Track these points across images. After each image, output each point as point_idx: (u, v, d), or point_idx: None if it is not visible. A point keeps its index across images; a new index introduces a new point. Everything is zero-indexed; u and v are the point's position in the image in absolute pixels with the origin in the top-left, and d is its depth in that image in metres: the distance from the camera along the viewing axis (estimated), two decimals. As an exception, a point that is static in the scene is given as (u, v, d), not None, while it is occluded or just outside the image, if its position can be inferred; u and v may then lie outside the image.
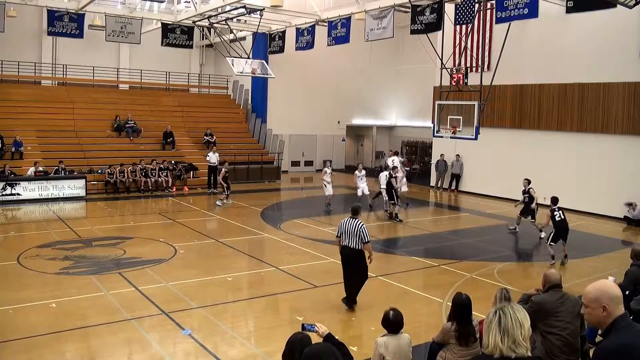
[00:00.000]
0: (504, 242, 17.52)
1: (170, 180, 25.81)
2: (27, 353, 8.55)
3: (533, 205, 17.91)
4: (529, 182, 18.15)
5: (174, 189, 25.73)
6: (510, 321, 3.46)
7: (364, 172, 23.28)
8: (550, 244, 14.70)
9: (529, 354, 3.47)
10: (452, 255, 15.85)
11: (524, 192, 18.11)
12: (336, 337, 5.07)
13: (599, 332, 4.03)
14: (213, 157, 25.80)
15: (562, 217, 14.80)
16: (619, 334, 3.74)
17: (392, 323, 6.43)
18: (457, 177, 27.81)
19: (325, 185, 22.58)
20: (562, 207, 15.13)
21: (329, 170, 22.93)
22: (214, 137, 30.03)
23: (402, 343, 6.37)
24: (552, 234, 14.74)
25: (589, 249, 16.40)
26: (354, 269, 10.65)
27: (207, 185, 26.21)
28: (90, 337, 9.25)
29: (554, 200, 15.10)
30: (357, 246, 10.43)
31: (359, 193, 22.89)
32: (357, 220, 10.60)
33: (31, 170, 23.06)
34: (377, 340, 6.39)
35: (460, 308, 6.57)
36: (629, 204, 20.84)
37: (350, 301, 10.77)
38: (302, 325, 4.72)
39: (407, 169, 26.94)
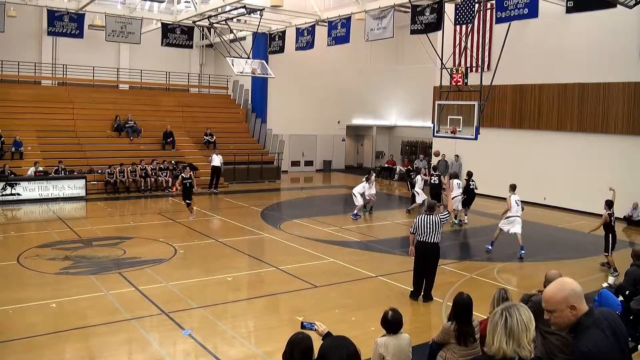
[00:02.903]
0: (504, 243, 17.48)
1: (170, 180, 25.80)
2: (27, 353, 8.55)
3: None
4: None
5: (174, 189, 25.68)
6: (517, 324, 3.41)
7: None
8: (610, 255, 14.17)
9: (532, 356, 3.43)
10: (452, 255, 15.85)
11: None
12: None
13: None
14: (216, 159, 25.82)
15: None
16: (589, 335, 3.62)
17: (392, 323, 6.43)
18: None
19: (418, 193, 21.69)
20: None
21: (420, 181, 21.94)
22: (214, 137, 30.05)
23: (402, 343, 6.38)
24: (611, 243, 14.07)
25: (588, 249, 16.36)
26: (432, 262, 11.32)
27: (209, 185, 26.18)
28: (90, 337, 9.25)
29: (610, 203, 14.26)
30: (436, 239, 11.05)
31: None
32: (434, 215, 11.12)
33: (31, 170, 23.07)
34: (377, 341, 6.40)
35: (461, 308, 6.58)
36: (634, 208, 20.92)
37: (426, 296, 11.37)
38: (302, 323, 4.70)
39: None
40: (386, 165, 34.69)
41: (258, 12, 24.80)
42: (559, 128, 23.71)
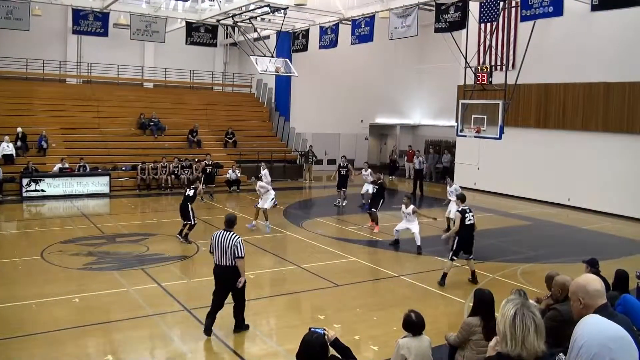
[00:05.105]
0: (528, 243, 17.32)
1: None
2: (50, 346, 8.63)
3: None
4: None
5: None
6: (540, 320, 3.52)
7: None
8: None
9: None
10: (475, 256, 15.69)
11: None
12: (342, 342, 5.11)
13: None
14: (233, 175, 25.90)
15: None
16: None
17: (416, 325, 6.35)
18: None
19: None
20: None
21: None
22: (234, 137, 30.21)
23: (423, 345, 6.32)
24: None
25: (611, 251, 16.07)
26: None
27: (228, 186, 26.22)
28: (113, 332, 9.32)
29: None
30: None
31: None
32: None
33: (57, 167, 23.31)
34: (399, 342, 6.33)
35: (488, 304, 6.51)
36: None
37: None
38: (310, 329, 4.70)
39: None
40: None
41: (282, 11, 24.81)
42: (584, 128, 23.36)
